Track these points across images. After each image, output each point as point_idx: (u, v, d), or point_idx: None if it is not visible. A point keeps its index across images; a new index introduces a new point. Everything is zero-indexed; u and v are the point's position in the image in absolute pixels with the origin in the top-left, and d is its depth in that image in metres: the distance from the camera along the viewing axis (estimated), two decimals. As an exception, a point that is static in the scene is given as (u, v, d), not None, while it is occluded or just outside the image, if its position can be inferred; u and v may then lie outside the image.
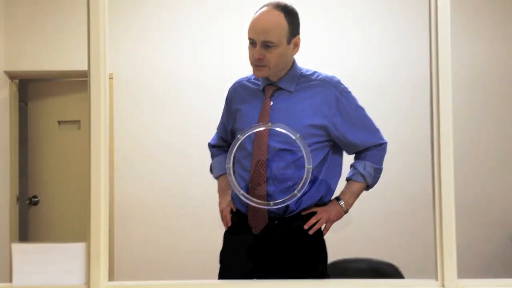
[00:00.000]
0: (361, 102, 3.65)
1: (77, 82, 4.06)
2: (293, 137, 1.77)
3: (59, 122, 4.15)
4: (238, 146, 1.87)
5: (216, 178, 2.18)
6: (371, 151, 2.00)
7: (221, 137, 2.17)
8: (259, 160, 1.89)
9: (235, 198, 1.99)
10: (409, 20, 3.68)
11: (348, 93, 1.96)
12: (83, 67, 1.57)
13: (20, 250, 1.47)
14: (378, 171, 2.00)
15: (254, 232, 1.92)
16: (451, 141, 1.43)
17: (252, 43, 1.85)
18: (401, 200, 3.59)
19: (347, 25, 3.72)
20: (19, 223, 3.98)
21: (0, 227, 3.76)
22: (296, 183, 1.82)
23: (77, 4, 3.76)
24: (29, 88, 4.20)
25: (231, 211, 2.01)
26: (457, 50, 1.56)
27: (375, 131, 2.01)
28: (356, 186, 2.00)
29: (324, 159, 1.97)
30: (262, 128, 1.82)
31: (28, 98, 4.20)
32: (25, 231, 4.09)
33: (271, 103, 1.92)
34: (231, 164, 1.82)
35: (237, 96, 2.04)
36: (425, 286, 1.44)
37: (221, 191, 2.12)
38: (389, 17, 3.72)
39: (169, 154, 3.69)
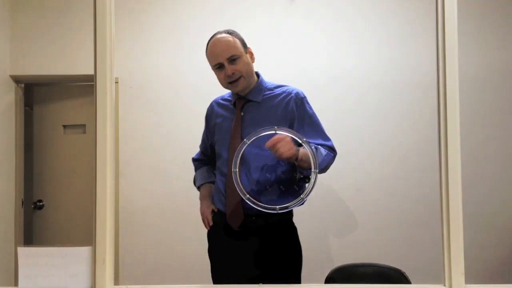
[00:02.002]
0: (370, 106, 3.65)
1: (82, 86, 4.07)
2: (299, 140, 1.87)
3: (65, 126, 4.16)
4: (217, 156, 2.20)
5: (198, 187, 2.42)
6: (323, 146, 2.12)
7: (202, 152, 2.45)
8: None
9: (216, 200, 2.23)
10: (416, 24, 3.67)
11: (307, 102, 2.18)
12: (88, 71, 1.58)
13: (26, 254, 1.47)
14: (328, 155, 2.09)
15: (233, 228, 2.12)
16: (458, 146, 1.42)
17: (219, 67, 2.11)
18: (408, 205, 3.57)
19: (356, 31, 3.72)
20: (24, 227, 3.98)
21: (5, 231, 3.76)
22: (264, 187, 2.01)
23: (83, 9, 3.78)
24: (34, 92, 4.21)
25: (212, 211, 2.24)
26: (464, 53, 1.56)
27: (326, 137, 2.17)
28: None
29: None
30: (269, 132, 1.88)
31: (34, 102, 4.21)
32: (30, 235, 4.09)
33: (242, 113, 2.16)
34: (237, 169, 1.87)
35: (214, 113, 2.30)
36: (433, 291, 1.43)
37: (203, 197, 2.36)
38: (397, 21, 3.71)
39: (174, 158, 3.68)
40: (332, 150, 2.15)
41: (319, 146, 2.09)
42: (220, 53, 2.09)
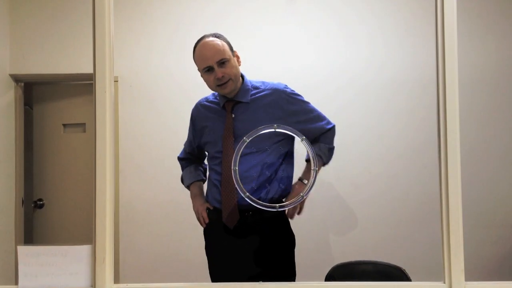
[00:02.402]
0: (368, 103, 3.65)
1: (82, 85, 4.07)
2: (299, 138, 1.91)
3: (64, 125, 4.15)
4: (211, 156, 2.25)
5: (188, 186, 2.44)
6: (323, 134, 2.26)
7: (188, 152, 2.47)
8: (229, 166, 2.05)
9: (210, 198, 2.26)
10: (412, 22, 3.67)
11: (296, 94, 2.23)
12: (88, 70, 1.57)
13: (26, 253, 1.47)
14: (331, 150, 2.28)
15: (229, 227, 2.15)
16: (457, 143, 1.42)
17: (208, 70, 2.14)
18: (408, 202, 3.58)
19: (353, 28, 3.72)
20: (25, 226, 3.98)
21: (6, 230, 3.76)
22: (261, 184, 2.10)
23: (83, 7, 3.77)
24: (34, 91, 4.21)
25: (207, 209, 2.26)
26: (463, 52, 1.55)
27: (323, 118, 2.28)
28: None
29: (286, 154, 2.22)
30: (268, 130, 1.90)
31: (33, 101, 4.21)
32: (31, 234, 4.09)
33: (233, 115, 2.19)
34: (237, 167, 1.90)
35: (201, 115, 2.32)
36: (432, 288, 1.43)
37: (194, 196, 2.38)
38: (396, 20, 3.71)
39: (174, 156, 3.67)
40: (329, 131, 2.27)
41: (321, 145, 2.23)
42: (210, 56, 2.12)
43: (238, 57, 2.22)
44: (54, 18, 3.85)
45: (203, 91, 2.44)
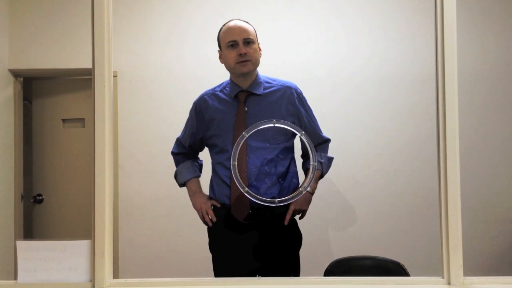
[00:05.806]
0: (367, 98, 3.65)
1: (81, 80, 4.07)
2: (298, 133, 1.89)
3: (64, 120, 4.15)
4: (219, 150, 2.18)
5: (184, 183, 2.37)
6: (320, 145, 2.33)
7: (189, 145, 2.38)
8: (241, 160, 2.06)
9: (218, 194, 2.20)
10: (413, 17, 3.66)
11: (304, 97, 2.28)
12: (87, 65, 1.57)
13: (25, 247, 1.47)
14: (330, 161, 2.34)
15: (239, 220, 2.12)
16: (456, 139, 1.42)
17: (233, 45, 2.15)
18: (407, 198, 3.58)
19: (353, 24, 3.71)
20: (24, 221, 3.99)
21: (5, 225, 3.77)
22: (273, 180, 2.10)
23: (82, 2, 3.76)
24: (33, 86, 4.20)
25: (213, 206, 2.23)
26: (463, 47, 1.55)
27: (320, 130, 2.34)
28: (316, 173, 2.23)
29: (293, 151, 2.25)
30: (268, 125, 1.88)
31: (33, 96, 4.21)
32: (30, 229, 4.10)
33: (246, 108, 2.17)
34: (236, 162, 1.88)
35: (209, 107, 2.25)
36: (431, 283, 1.43)
37: (193, 193, 2.32)
38: (395, 15, 3.71)
39: (173, 152, 3.69)
40: (326, 142, 2.35)
41: (322, 154, 2.30)
42: (238, 32, 2.14)
43: (260, 49, 2.24)
44: (53, 13, 3.84)
45: (202, 85, 2.44)
